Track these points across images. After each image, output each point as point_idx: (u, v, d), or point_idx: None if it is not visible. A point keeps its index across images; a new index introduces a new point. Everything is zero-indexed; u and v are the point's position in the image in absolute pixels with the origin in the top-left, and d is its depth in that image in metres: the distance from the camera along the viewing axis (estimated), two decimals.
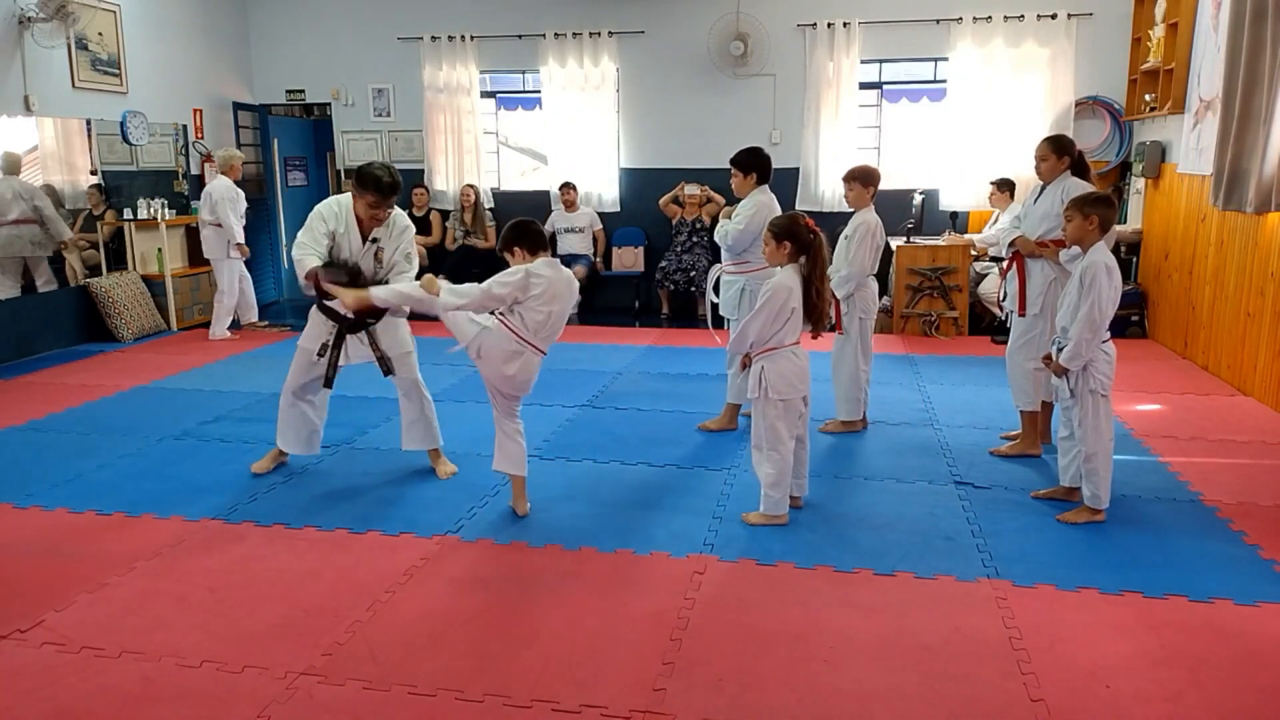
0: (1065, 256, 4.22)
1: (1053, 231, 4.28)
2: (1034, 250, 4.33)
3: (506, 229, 3.66)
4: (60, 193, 7.29)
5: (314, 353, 4.05)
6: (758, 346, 3.57)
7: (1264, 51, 5.05)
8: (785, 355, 3.55)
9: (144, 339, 7.35)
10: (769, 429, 3.58)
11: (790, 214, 3.59)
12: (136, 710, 2.47)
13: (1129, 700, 2.49)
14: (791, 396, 3.56)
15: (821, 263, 3.54)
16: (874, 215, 4.64)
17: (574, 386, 5.77)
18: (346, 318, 3.97)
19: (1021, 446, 4.48)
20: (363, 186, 3.82)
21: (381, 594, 3.09)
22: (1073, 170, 4.32)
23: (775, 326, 3.52)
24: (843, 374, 4.79)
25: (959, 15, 7.85)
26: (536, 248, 3.62)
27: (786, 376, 3.54)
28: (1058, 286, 4.29)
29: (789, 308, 3.51)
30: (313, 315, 4.12)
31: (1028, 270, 4.38)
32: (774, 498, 3.62)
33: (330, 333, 4.04)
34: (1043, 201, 4.37)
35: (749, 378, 3.64)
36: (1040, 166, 4.37)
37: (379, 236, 3.97)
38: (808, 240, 3.52)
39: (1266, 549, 3.39)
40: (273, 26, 9.26)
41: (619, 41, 8.56)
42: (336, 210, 3.91)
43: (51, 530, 3.65)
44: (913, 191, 7.92)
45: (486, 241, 8.87)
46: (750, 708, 2.46)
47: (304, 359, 4.10)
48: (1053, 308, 4.31)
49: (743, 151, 4.77)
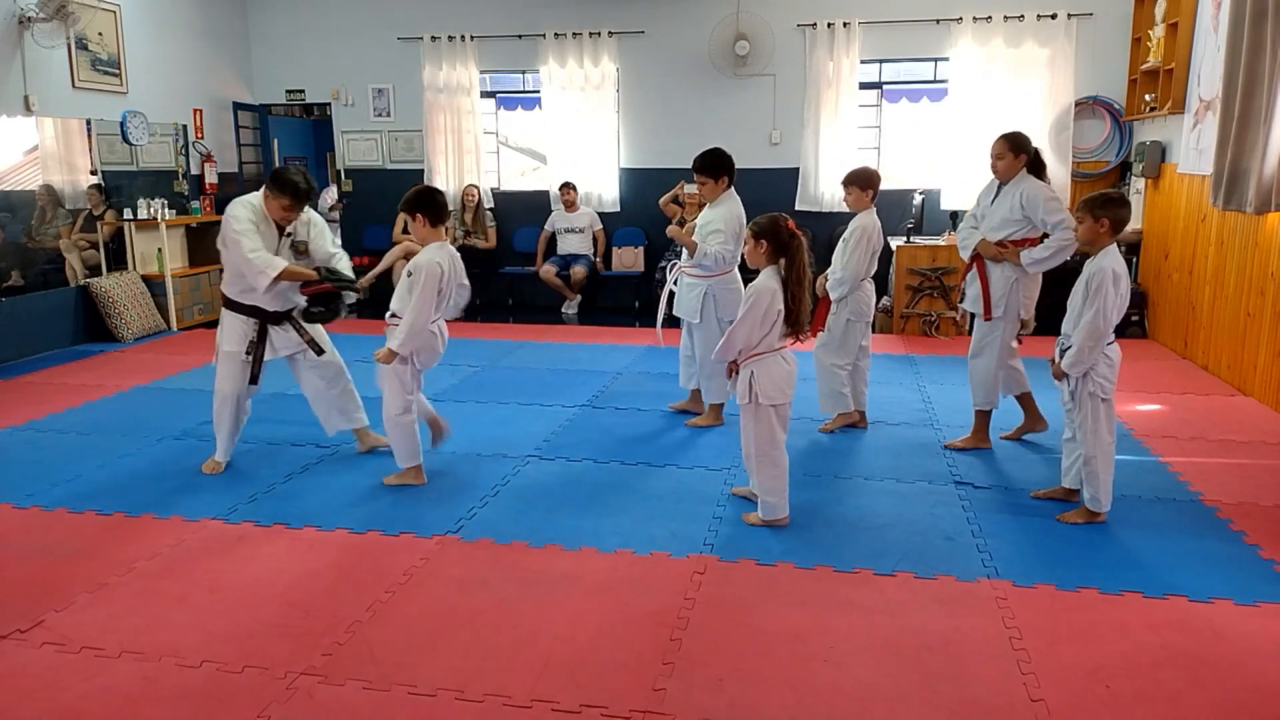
0: (1027, 259, 4.23)
1: (1014, 234, 4.29)
2: (995, 254, 4.33)
3: (413, 193, 3.90)
4: (60, 193, 7.29)
5: (242, 353, 4.15)
6: (745, 353, 3.49)
7: (1264, 52, 5.05)
8: (774, 360, 3.48)
9: (144, 339, 7.35)
10: (763, 436, 3.54)
11: (773, 215, 3.48)
12: (136, 710, 2.47)
13: (1129, 700, 2.49)
14: (781, 401, 3.52)
15: (800, 266, 3.40)
16: (873, 218, 4.61)
17: (574, 386, 5.77)
18: (267, 312, 4.12)
19: (974, 440, 4.54)
20: (280, 190, 3.98)
21: (381, 594, 3.09)
22: (1030, 168, 4.29)
23: (762, 330, 3.43)
24: (821, 369, 4.80)
25: (959, 15, 7.84)
26: (438, 221, 3.88)
27: (777, 381, 3.48)
28: (1019, 287, 4.32)
29: (774, 311, 3.40)
30: (225, 317, 4.21)
31: (989, 272, 4.37)
32: (772, 503, 3.59)
33: (253, 329, 4.14)
34: (1001, 203, 4.35)
35: (737, 384, 3.56)
36: (997, 165, 4.34)
37: (294, 231, 4.15)
38: (787, 242, 3.42)
39: (1266, 549, 3.39)
40: (273, 26, 9.26)
41: (619, 41, 8.56)
42: (251, 208, 4.05)
43: (51, 530, 3.65)
44: (913, 191, 7.92)
45: (487, 242, 8.88)
46: (750, 708, 2.46)
47: (233, 362, 4.17)
48: (1016, 309, 4.35)
49: (708, 155, 4.62)
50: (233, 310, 4.15)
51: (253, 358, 4.14)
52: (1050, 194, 4.25)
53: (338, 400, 4.40)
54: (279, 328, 4.19)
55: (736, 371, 3.56)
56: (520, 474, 4.23)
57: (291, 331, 4.21)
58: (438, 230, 3.88)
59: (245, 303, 4.10)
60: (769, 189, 8.06)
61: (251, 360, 4.15)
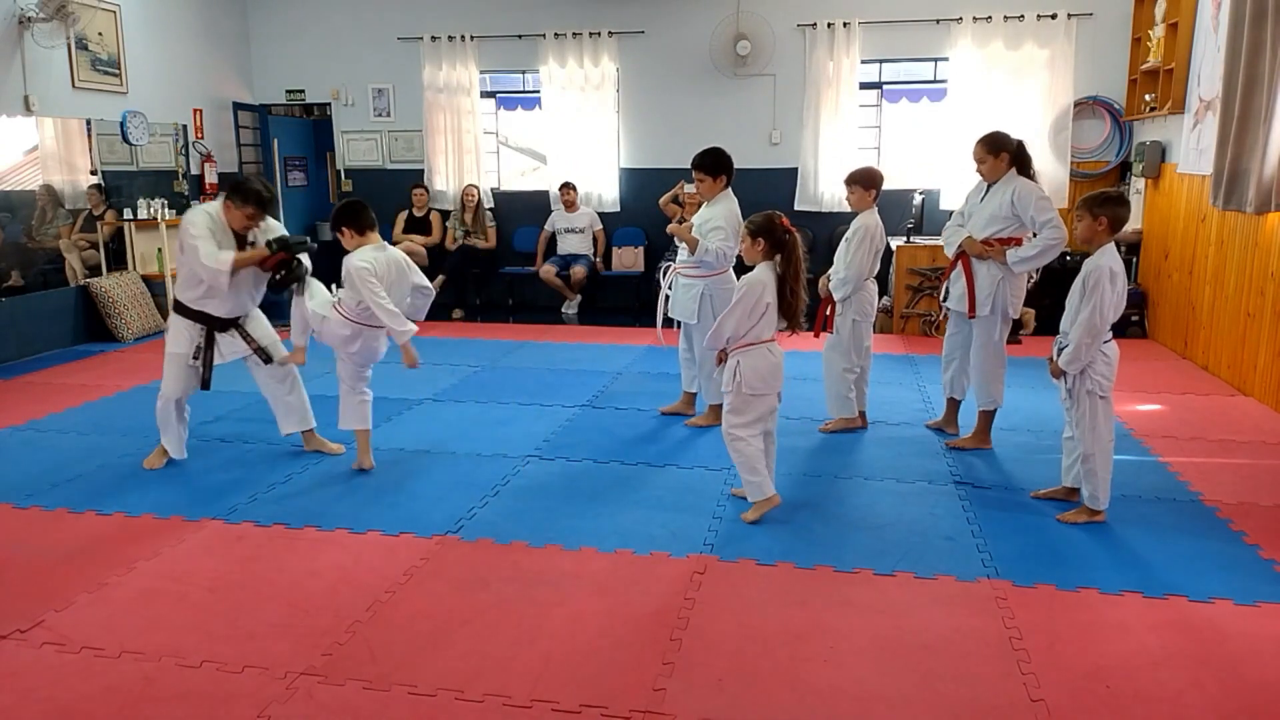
0: (1014, 258, 4.26)
1: (1001, 232, 4.33)
2: (981, 251, 4.36)
3: (336, 209, 4.06)
4: (60, 193, 7.29)
5: (189, 356, 4.22)
6: (734, 342, 3.62)
7: (1264, 52, 5.05)
8: (760, 352, 3.60)
9: (144, 339, 7.35)
10: (741, 423, 3.64)
11: (768, 213, 3.63)
12: (136, 710, 2.47)
13: (1129, 700, 2.49)
14: (764, 392, 3.61)
15: (796, 261, 3.57)
16: (875, 218, 4.62)
17: (574, 386, 5.77)
18: (216, 318, 4.21)
19: (976, 440, 4.55)
20: (244, 199, 4.07)
21: (381, 594, 3.09)
22: (1016, 165, 4.31)
23: (750, 321, 3.57)
24: (830, 373, 4.81)
25: (959, 15, 7.84)
26: (363, 229, 4.03)
27: (760, 372, 3.59)
28: (1005, 286, 4.36)
29: (763, 303, 3.55)
30: (174, 321, 4.29)
31: (975, 271, 4.41)
32: (754, 481, 3.67)
33: (200, 334, 4.23)
34: (990, 201, 4.38)
35: (724, 372, 3.68)
36: (980, 169, 4.38)
37: (255, 240, 4.20)
38: (783, 239, 3.57)
39: (1266, 549, 3.39)
40: (273, 26, 9.26)
41: (619, 41, 8.56)
42: (209, 217, 4.11)
43: (51, 530, 3.65)
44: (912, 191, 7.92)
45: (487, 242, 8.88)
46: (750, 708, 2.46)
47: (178, 365, 4.25)
48: (1003, 306, 4.37)
49: (708, 154, 4.69)
50: (181, 315, 4.25)
51: (201, 362, 4.24)
52: (1041, 194, 4.28)
53: (291, 405, 4.47)
54: (226, 334, 4.29)
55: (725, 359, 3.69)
56: (520, 474, 4.23)
57: (238, 339, 4.31)
58: (368, 236, 4.04)
59: (195, 308, 4.20)
60: (769, 189, 8.06)
61: (200, 365, 4.24)
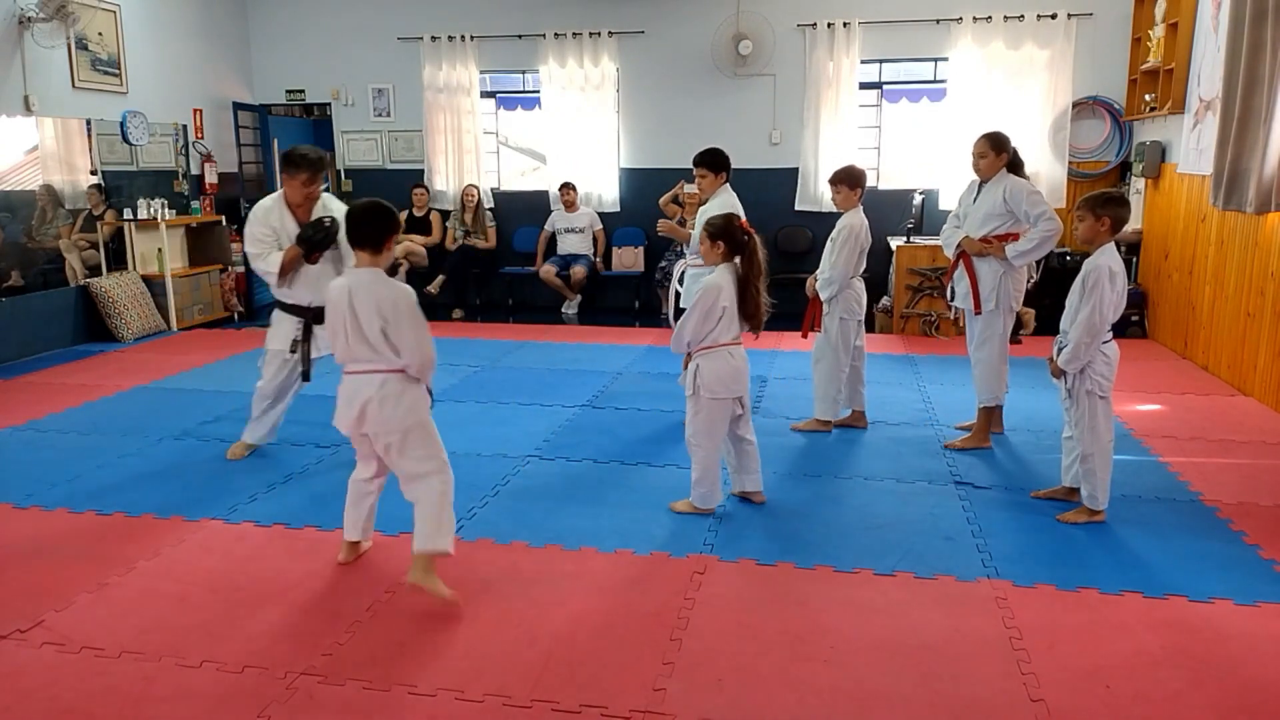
0: (1012, 252, 4.34)
1: (997, 229, 4.42)
2: (980, 249, 4.45)
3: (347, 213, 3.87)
4: (60, 193, 7.29)
5: (286, 352, 4.23)
6: (694, 345, 3.63)
7: (1264, 52, 5.05)
8: (720, 355, 3.60)
9: (144, 339, 7.34)
10: (700, 426, 3.65)
11: (726, 214, 3.65)
12: (137, 710, 2.47)
13: (1129, 700, 2.49)
14: (724, 395, 3.61)
15: (757, 264, 3.58)
16: (860, 217, 4.65)
17: (574, 386, 5.77)
18: (310, 309, 4.15)
19: (975, 440, 4.56)
20: (295, 168, 4.04)
21: (381, 594, 3.09)
22: (1009, 167, 4.42)
23: (708, 325, 3.58)
24: (819, 373, 4.81)
25: (959, 15, 7.84)
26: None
27: (720, 375, 3.59)
28: (1007, 280, 4.44)
29: (719, 307, 3.56)
30: (276, 317, 4.31)
31: (976, 268, 4.48)
32: (701, 491, 3.71)
33: (298, 328, 4.22)
34: (984, 200, 4.48)
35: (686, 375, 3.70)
36: (979, 164, 4.48)
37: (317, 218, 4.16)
38: (742, 241, 3.57)
39: (1266, 549, 3.39)
40: (273, 26, 9.26)
41: (619, 41, 8.56)
42: (266, 210, 4.11)
43: (51, 530, 3.65)
44: (912, 191, 7.91)
45: (487, 241, 8.88)
46: (750, 708, 2.46)
47: (277, 361, 4.28)
48: (1007, 300, 4.45)
49: (709, 152, 4.86)
50: (280, 309, 4.28)
51: (301, 356, 4.23)
52: (1032, 188, 4.40)
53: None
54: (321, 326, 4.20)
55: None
56: (520, 474, 4.23)
57: None
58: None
59: (287, 301, 4.22)
60: (769, 189, 8.06)
61: (299, 358, 4.23)
